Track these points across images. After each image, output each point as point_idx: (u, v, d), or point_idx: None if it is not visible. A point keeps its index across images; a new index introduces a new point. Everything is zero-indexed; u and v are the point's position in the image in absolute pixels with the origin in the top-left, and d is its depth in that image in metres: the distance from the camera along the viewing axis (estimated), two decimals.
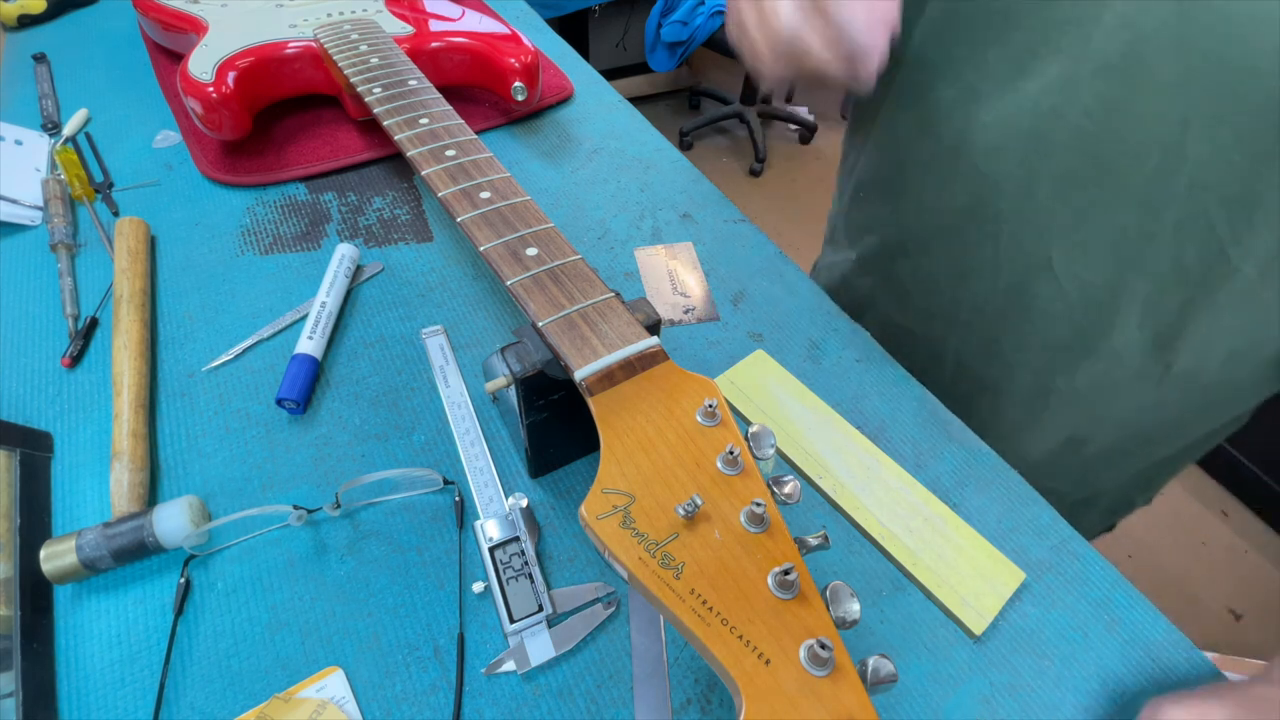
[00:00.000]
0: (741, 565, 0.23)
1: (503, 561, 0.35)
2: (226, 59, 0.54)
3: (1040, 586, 0.37)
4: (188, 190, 0.56)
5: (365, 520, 0.38)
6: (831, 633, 0.22)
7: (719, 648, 0.21)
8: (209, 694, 0.32)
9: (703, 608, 0.22)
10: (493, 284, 0.50)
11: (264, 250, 0.52)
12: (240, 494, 0.39)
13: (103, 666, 0.33)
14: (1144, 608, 0.37)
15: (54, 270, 0.49)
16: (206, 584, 0.36)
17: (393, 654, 0.34)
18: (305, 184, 0.57)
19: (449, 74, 0.62)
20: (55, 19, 0.76)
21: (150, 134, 0.61)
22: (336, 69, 0.55)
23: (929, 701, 0.33)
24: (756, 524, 0.24)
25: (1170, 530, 1.37)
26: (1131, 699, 0.34)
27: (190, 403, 0.43)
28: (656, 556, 0.23)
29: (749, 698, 0.20)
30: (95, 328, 0.46)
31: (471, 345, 0.46)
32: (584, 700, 0.33)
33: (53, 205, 0.52)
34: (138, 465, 0.38)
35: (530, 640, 0.33)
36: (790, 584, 0.23)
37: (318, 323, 0.45)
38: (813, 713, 0.20)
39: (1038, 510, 0.40)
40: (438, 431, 0.42)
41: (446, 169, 0.43)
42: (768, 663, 0.21)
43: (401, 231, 0.54)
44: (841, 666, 0.21)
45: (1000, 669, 0.34)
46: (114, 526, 0.35)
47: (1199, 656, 0.35)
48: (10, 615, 0.33)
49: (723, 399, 0.29)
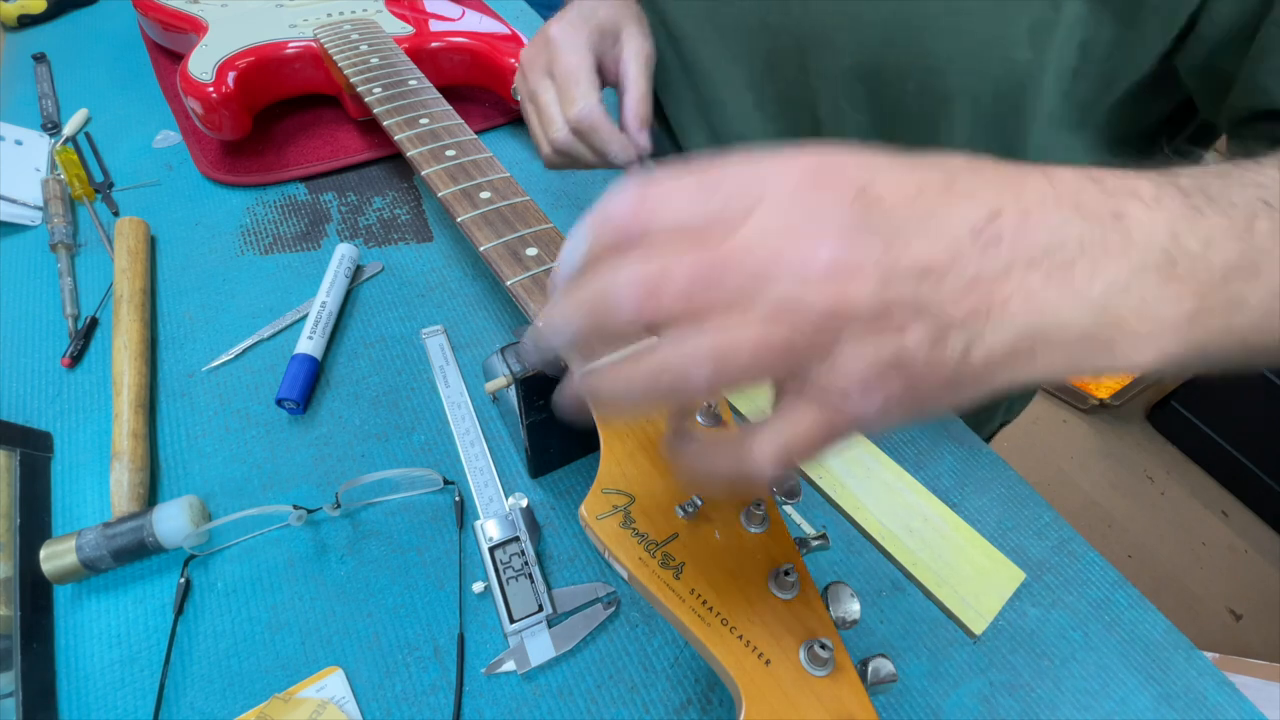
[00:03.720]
0: (741, 565, 0.23)
1: (503, 561, 0.35)
2: (226, 59, 0.54)
3: (1040, 586, 0.37)
4: (188, 190, 0.56)
5: (365, 520, 0.38)
6: (831, 633, 0.22)
7: (719, 648, 0.21)
8: (209, 694, 0.32)
9: (703, 608, 0.22)
10: (493, 284, 0.50)
11: (264, 250, 0.52)
12: (240, 494, 0.39)
13: (103, 666, 0.33)
14: (1144, 608, 0.37)
15: (54, 270, 0.49)
16: (206, 584, 0.36)
17: (393, 654, 0.34)
18: (305, 184, 0.57)
19: (449, 74, 0.62)
20: (55, 19, 0.76)
21: (150, 134, 0.61)
22: (336, 69, 0.55)
23: (929, 701, 0.33)
24: (756, 524, 0.24)
25: (1170, 530, 1.37)
26: (1131, 699, 0.34)
27: (190, 403, 0.43)
28: (656, 556, 0.23)
29: (749, 698, 0.20)
30: (95, 328, 0.46)
31: (471, 345, 0.46)
32: (584, 700, 0.33)
33: (53, 205, 0.52)
34: (138, 465, 0.38)
35: (530, 640, 0.33)
36: (790, 584, 0.23)
37: (318, 323, 0.45)
38: (813, 713, 0.20)
39: (1038, 510, 0.40)
40: (438, 431, 0.42)
41: (446, 169, 0.43)
42: (768, 663, 0.21)
43: (401, 231, 0.54)
44: (841, 666, 0.21)
45: (1000, 669, 0.34)
46: (114, 526, 0.35)
47: (1199, 656, 0.35)
48: (10, 615, 0.33)
49: (724, 399, 0.29)
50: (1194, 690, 0.34)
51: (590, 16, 0.44)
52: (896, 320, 0.18)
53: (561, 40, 0.43)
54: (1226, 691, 0.34)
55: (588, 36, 0.43)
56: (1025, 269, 0.19)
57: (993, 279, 0.18)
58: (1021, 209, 0.19)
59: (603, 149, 0.42)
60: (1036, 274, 0.19)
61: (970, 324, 0.18)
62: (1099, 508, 1.40)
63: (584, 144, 0.42)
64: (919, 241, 0.18)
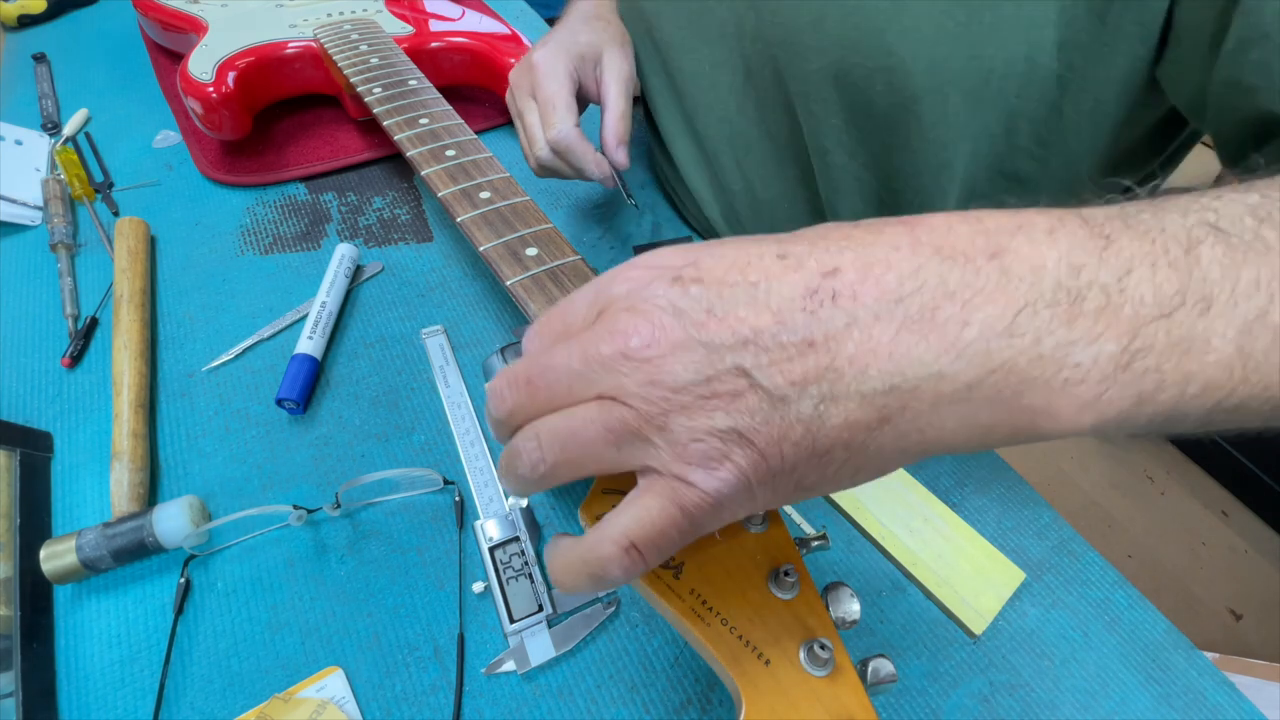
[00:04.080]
0: (741, 565, 0.23)
1: (503, 561, 0.35)
2: (226, 59, 0.54)
3: (1040, 586, 0.37)
4: (188, 190, 0.56)
5: (365, 520, 0.38)
6: (831, 633, 0.22)
7: (719, 648, 0.21)
8: (209, 694, 0.32)
9: (703, 608, 0.22)
10: (493, 284, 0.50)
11: (264, 250, 0.52)
12: (240, 494, 0.39)
13: (103, 666, 0.33)
14: (1144, 608, 0.37)
15: (54, 270, 0.49)
16: (206, 584, 0.36)
17: (393, 654, 0.34)
18: (305, 184, 0.57)
19: (449, 74, 0.62)
20: (55, 19, 0.76)
21: (150, 134, 0.61)
22: (336, 69, 0.55)
23: (928, 701, 0.33)
24: (756, 524, 0.24)
25: (1170, 530, 1.37)
26: (1131, 699, 0.34)
27: (190, 403, 0.43)
28: None
29: (749, 698, 0.20)
30: (95, 328, 0.46)
31: (471, 345, 0.46)
32: (584, 700, 0.33)
33: (53, 205, 0.52)
34: (138, 465, 0.38)
35: (530, 640, 0.33)
36: (790, 584, 0.23)
37: (318, 323, 0.45)
38: (812, 713, 0.20)
39: (1038, 510, 0.40)
40: (438, 431, 0.42)
41: (446, 169, 0.43)
42: (768, 663, 0.21)
43: (401, 231, 0.54)
44: (841, 666, 0.21)
45: (1000, 669, 0.34)
46: (114, 526, 0.35)
47: (1199, 656, 0.35)
48: (10, 615, 0.33)
49: None
50: (1194, 690, 0.34)
51: (572, 44, 0.47)
52: (725, 390, 0.18)
53: (543, 67, 0.45)
54: (1226, 691, 0.34)
55: (567, 63, 0.46)
56: (872, 321, 0.17)
57: (831, 337, 0.17)
58: (863, 263, 0.18)
59: (579, 167, 0.45)
60: (886, 325, 0.17)
61: (813, 387, 0.17)
62: (1099, 508, 1.40)
63: (563, 161, 0.45)
64: (742, 310, 0.18)
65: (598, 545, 0.19)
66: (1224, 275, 0.17)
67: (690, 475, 0.18)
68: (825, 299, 0.18)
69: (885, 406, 0.17)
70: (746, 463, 0.18)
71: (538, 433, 0.20)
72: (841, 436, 0.18)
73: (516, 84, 0.48)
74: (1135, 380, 0.17)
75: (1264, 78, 0.28)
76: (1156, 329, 0.17)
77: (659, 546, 0.19)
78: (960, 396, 0.17)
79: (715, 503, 0.18)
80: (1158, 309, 0.17)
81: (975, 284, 0.17)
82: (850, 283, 0.18)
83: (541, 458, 0.20)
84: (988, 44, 0.34)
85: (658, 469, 0.19)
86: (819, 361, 0.17)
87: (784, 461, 0.18)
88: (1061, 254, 0.17)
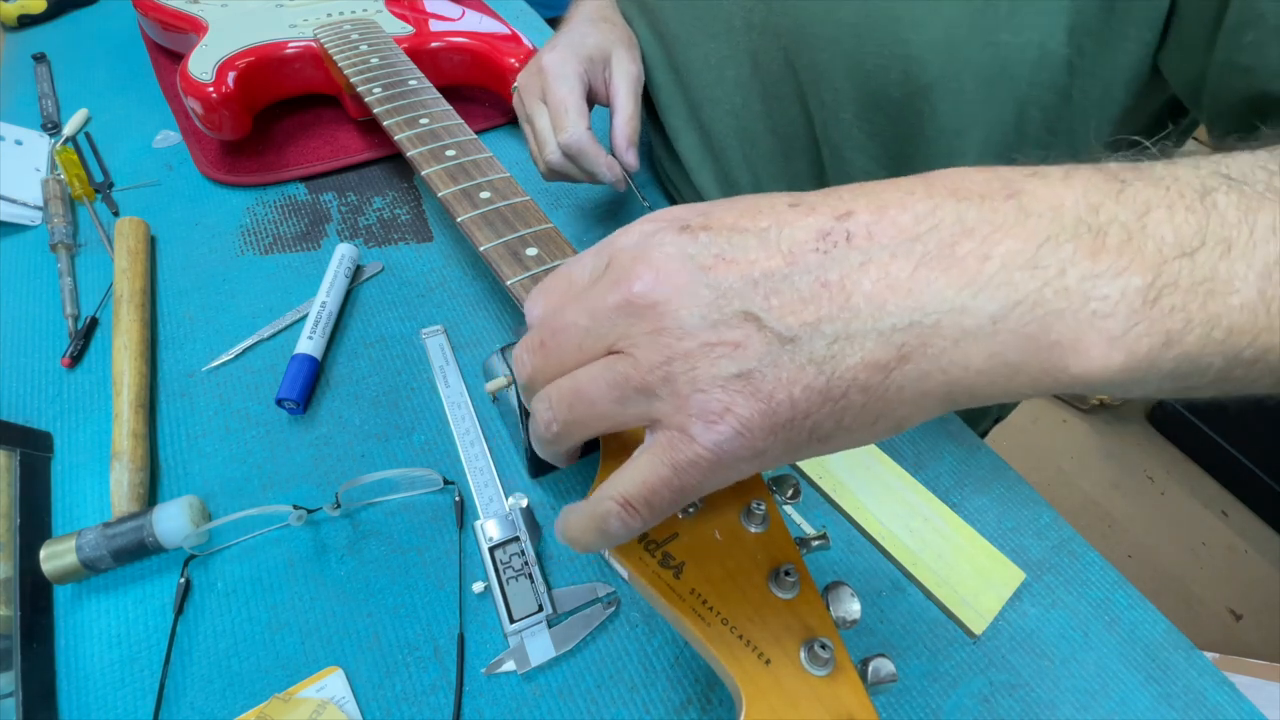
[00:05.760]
0: (741, 565, 0.23)
1: (503, 561, 0.35)
2: (226, 59, 0.54)
3: (1040, 586, 0.37)
4: (188, 190, 0.56)
5: (365, 520, 0.38)
6: (831, 633, 0.22)
7: (719, 648, 0.21)
8: (209, 694, 0.32)
9: (703, 607, 0.22)
10: (493, 284, 0.50)
11: (264, 250, 0.52)
12: (240, 494, 0.39)
13: (103, 666, 0.33)
14: (1144, 608, 0.37)
15: (54, 270, 0.49)
16: (206, 584, 0.36)
17: (393, 654, 0.34)
18: (305, 184, 0.57)
19: (449, 74, 0.62)
20: (55, 19, 0.76)
21: (150, 134, 0.61)
22: (336, 69, 0.55)
23: (928, 701, 0.33)
24: (757, 524, 0.24)
25: (1170, 530, 1.37)
26: (1131, 699, 0.34)
27: (190, 403, 0.43)
28: (656, 556, 0.23)
29: (749, 698, 0.20)
30: (95, 328, 0.46)
31: (471, 345, 0.46)
32: (584, 700, 0.33)
33: (53, 205, 0.52)
34: (138, 465, 0.38)
35: (530, 640, 0.33)
36: (790, 584, 0.23)
37: (318, 323, 0.45)
38: (813, 713, 0.20)
39: (1038, 510, 0.40)
40: (438, 431, 0.42)
41: (446, 169, 0.43)
42: (768, 663, 0.21)
43: (401, 231, 0.54)
44: (841, 666, 0.21)
45: (1000, 669, 0.34)
46: (114, 526, 0.35)
47: (1199, 656, 0.35)
48: (10, 615, 0.33)
49: None
50: (1194, 690, 0.34)
51: (580, 46, 0.47)
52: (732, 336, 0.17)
53: (553, 70, 0.45)
54: (1226, 691, 0.34)
55: (576, 66, 0.45)
56: (888, 259, 0.17)
57: (846, 276, 0.17)
58: (878, 205, 0.18)
59: (591, 170, 0.45)
60: (904, 262, 0.17)
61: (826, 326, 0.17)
62: (1099, 508, 1.40)
63: (574, 165, 0.45)
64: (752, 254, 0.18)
65: (599, 502, 0.20)
66: (1241, 220, 0.17)
67: (691, 428, 0.18)
68: (840, 239, 0.17)
69: (904, 344, 0.17)
70: (751, 413, 0.17)
71: (549, 394, 0.20)
72: (859, 377, 0.17)
73: (525, 88, 0.48)
74: (1163, 317, 0.16)
75: (1259, 58, 0.28)
76: (1180, 267, 0.16)
77: (652, 504, 0.19)
78: (985, 331, 0.16)
79: (714, 458, 0.18)
80: (1179, 248, 0.17)
81: (994, 220, 0.17)
82: (865, 223, 0.17)
83: (553, 418, 0.20)
84: (1003, 30, 0.34)
85: (661, 422, 0.18)
86: (833, 300, 0.17)
87: (795, 409, 0.17)
88: (1079, 195, 0.17)
